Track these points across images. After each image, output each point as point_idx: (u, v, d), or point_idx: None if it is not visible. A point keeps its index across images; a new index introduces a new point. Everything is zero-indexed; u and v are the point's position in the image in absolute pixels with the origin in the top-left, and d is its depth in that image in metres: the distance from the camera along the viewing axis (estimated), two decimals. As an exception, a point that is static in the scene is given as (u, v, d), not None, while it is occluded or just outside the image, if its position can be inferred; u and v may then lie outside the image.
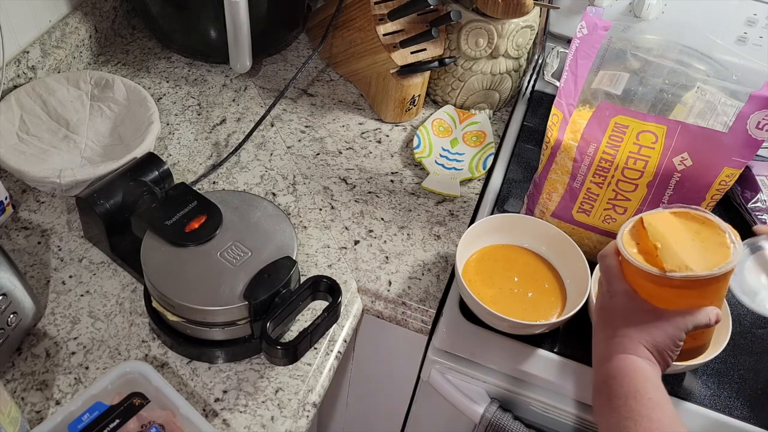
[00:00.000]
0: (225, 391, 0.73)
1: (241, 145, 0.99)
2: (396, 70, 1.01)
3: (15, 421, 0.63)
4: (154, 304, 0.74)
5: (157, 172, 0.82)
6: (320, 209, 0.93)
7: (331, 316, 0.71)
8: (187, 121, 1.03)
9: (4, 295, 0.68)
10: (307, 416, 0.73)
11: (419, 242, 0.91)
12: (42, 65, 0.99)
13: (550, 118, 0.81)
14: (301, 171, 0.98)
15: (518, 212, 0.92)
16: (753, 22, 0.99)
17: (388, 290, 0.85)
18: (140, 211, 0.76)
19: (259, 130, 1.03)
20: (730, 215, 0.98)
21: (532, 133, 1.07)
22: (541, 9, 1.05)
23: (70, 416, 0.64)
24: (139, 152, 0.86)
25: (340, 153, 1.02)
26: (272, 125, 1.05)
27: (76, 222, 0.87)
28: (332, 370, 0.78)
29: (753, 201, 0.96)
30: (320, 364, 0.77)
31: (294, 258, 0.73)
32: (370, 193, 0.96)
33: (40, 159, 0.88)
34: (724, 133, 0.75)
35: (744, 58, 0.82)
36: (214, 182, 0.95)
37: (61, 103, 0.95)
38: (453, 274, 0.87)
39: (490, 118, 1.09)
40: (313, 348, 0.77)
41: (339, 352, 0.79)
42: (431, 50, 1.01)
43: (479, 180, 1.00)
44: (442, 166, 1.00)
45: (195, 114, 1.05)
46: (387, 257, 0.89)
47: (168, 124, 1.02)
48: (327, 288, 0.72)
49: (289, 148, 1.01)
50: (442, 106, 1.09)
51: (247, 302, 0.69)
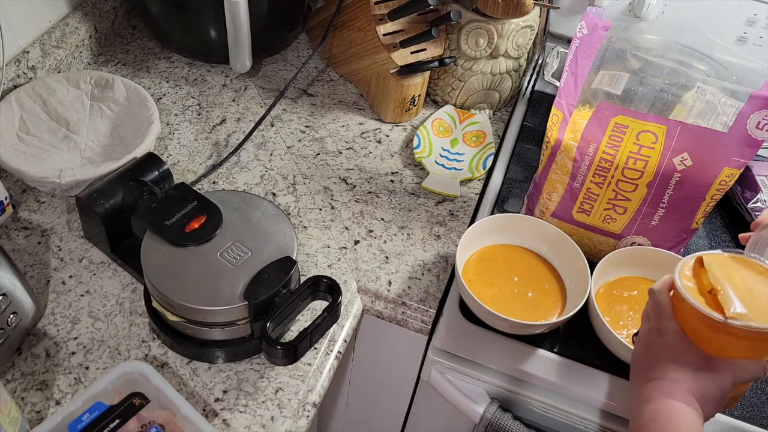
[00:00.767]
0: (225, 391, 0.73)
1: (241, 145, 0.99)
2: (396, 70, 1.01)
3: (15, 421, 0.63)
4: (154, 304, 0.74)
5: (157, 172, 0.82)
6: (320, 209, 0.93)
7: (331, 316, 0.71)
8: (187, 121, 1.03)
9: (4, 295, 0.68)
10: (307, 416, 0.73)
11: (419, 242, 0.91)
12: (42, 65, 0.99)
13: (550, 118, 0.81)
14: (301, 171, 0.98)
15: (518, 212, 0.92)
16: (753, 22, 0.99)
17: (388, 290, 0.85)
18: (140, 211, 0.76)
19: (259, 130, 1.03)
20: (730, 215, 0.98)
21: (532, 133, 1.07)
22: (541, 9, 1.05)
23: (70, 416, 0.64)
24: (139, 152, 0.86)
25: (340, 153, 1.02)
26: (272, 125, 1.05)
27: (76, 222, 0.87)
28: (332, 370, 0.78)
29: (753, 201, 0.96)
30: (320, 364, 0.77)
31: (294, 258, 0.73)
32: (370, 193, 0.96)
33: (40, 159, 0.88)
34: (724, 133, 0.75)
35: (744, 58, 0.82)
36: (214, 182, 0.95)
37: (61, 103, 0.95)
38: (453, 274, 0.87)
39: (490, 118, 1.09)
40: (313, 348, 0.77)
41: (339, 352, 0.79)
42: (431, 50, 1.01)
43: (479, 180, 1.00)
44: (442, 166, 1.00)
45: (195, 114, 1.05)
46: (387, 257, 0.89)
47: (168, 124, 1.02)
48: (327, 288, 0.72)
49: (289, 148, 1.01)
50: (442, 106, 1.09)
51: (247, 302, 0.69)
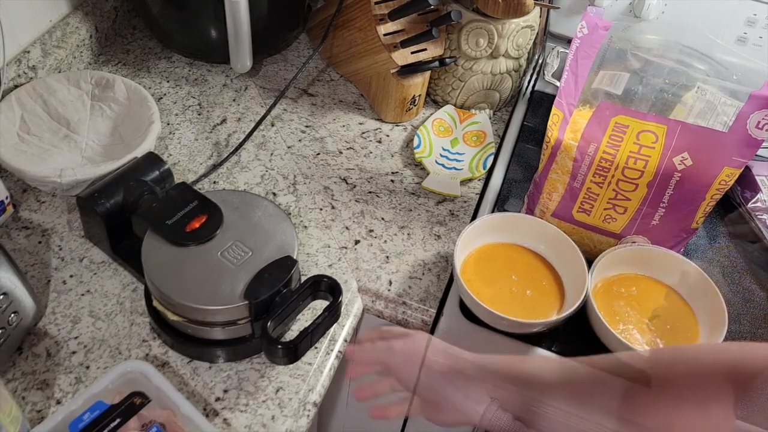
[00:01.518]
0: (226, 391, 0.73)
1: (241, 145, 0.99)
2: (396, 70, 1.01)
3: (16, 420, 0.63)
4: (155, 304, 0.74)
5: (157, 172, 0.82)
6: (321, 209, 0.93)
7: (332, 315, 0.71)
8: (188, 121, 1.03)
9: (4, 294, 0.69)
10: (308, 416, 0.73)
11: (419, 242, 0.91)
12: (42, 65, 0.99)
13: (551, 118, 0.81)
14: (302, 171, 0.98)
15: (518, 212, 0.92)
16: (753, 22, 0.99)
17: (389, 290, 0.85)
18: (141, 210, 0.76)
19: (260, 129, 1.03)
20: (730, 215, 0.98)
21: (532, 133, 1.07)
22: (541, 9, 1.05)
23: (71, 415, 0.65)
24: (140, 152, 0.86)
25: (341, 153, 1.02)
26: (272, 125, 1.05)
27: (76, 222, 0.87)
28: (332, 369, 0.78)
29: (753, 201, 0.96)
30: (321, 363, 0.77)
31: (295, 257, 0.73)
32: (370, 192, 0.96)
33: (40, 158, 0.88)
34: (724, 132, 0.75)
35: (744, 58, 0.82)
36: (215, 182, 0.95)
37: (62, 103, 0.95)
38: (453, 274, 0.87)
39: (490, 118, 1.09)
40: (313, 347, 0.77)
41: (339, 351, 0.79)
42: (431, 50, 1.01)
43: (479, 180, 1.00)
44: (443, 166, 1.00)
45: (195, 114, 1.05)
46: (387, 257, 0.89)
47: (168, 124, 1.02)
48: (327, 287, 0.72)
49: (289, 147, 1.02)
50: (442, 106, 1.09)
51: (247, 302, 0.69)
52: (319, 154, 1.01)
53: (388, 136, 1.05)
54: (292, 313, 0.73)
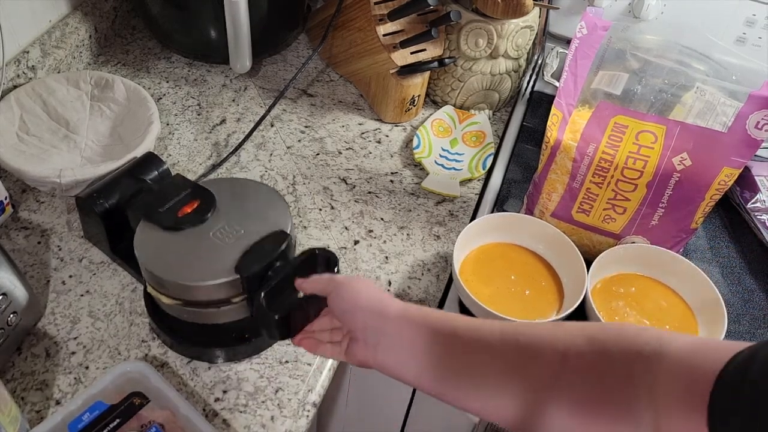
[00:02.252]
0: (225, 391, 0.73)
1: (240, 145, 0.99)
2: (396, 71, 1.01)
3: (15, 420, 0.63)
4: (149, 290, 0.72)
5: (156, 172, 0.82)
6: (320, 209, 0.93)
7: None
8: (187, 121, 1.03)
9: (4, 294, 0.69)
10: (307, 416, 0.73)
11: (419, 242, 0.91)
12: (42, 65, 0.99)
13: (550, 118, 0.81)
14: (301, 171, 0.98)
15: (518, 212, 0.92)
16: (752, 23, 0.99)
17: (388, 290, 0.85)
18: (135, 203, 0.75)
19: (259, 130, 1.03)
20: (730, 215, 0.98)
21: (532, 133, 1.07)
22: (540, 9, 1.05)
23: (70, 416, 0.65)
24: (139, 152, 0.87)
25: (340, 153, 1.02)
26: (272, 125, 1.05)
27: (76, 222, 0.87)
28: (332, 370, 0.78)
29: (752, 201, 0.96)
30: (320, 363, 0.77)
31: (288, 232, 0.70)
32: (369, 193, 0.96)
33: (40, 159, 0.88)
34: (724, 133, 0.75)
35: (743, 58, 0.82)
36: (214, 182, 0.95)
37: (61, 103, 0.95)
38: (452, 274, 0.87)
39: (489, 119, 1.09)
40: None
41: (339, 351, 0.79)
42: (431, 50, 1.01)
43: (479, 180, 1.00)
44: (442, 166, 1.00)
45: (195, 114, 1.05)
46: (387, 257, 0.89)
47: (168, 124, 1.02)
48: (324, 261, 0.69)
49: (289, 148, 1.02)
50: (441, 107, 1.09)
51: (239, 275, 0.66)
52: (318, 155, 1.01)
53: (387, 136, 1.05)
54: (288, 289, 0.69)
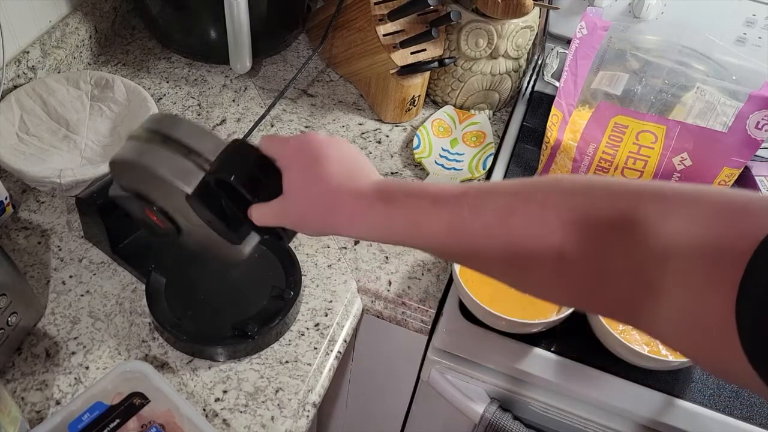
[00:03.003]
0: (225, 391, 0.73)
1: (241, 146, 0.99)
2: (396, 71, 1.01)
3: (15, 420, 0.63)
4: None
5: (157, 172, 0.82)
6: (320, 209, 0.93)
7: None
8: (187, 122, 1.03)
9: (4, 294, 0.68)
10: (307, 416, 0.73)
11: (419, 242, 0.91)
12: (42, 65, 0.99)
13: (550, 118, 0.81)
14: (301, 171, 0.98)
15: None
16: (752, 23, 0.99)
17: (388, 290, 0.85)
18: None
19: (259, 130, 1.03)
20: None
21: (532, 134, 1.07)
22: (540, 9, 1.05)
23: (70, 416, 0.65)
24: (139, 152, 0.86)
25: (340, 153, 1.02)
26: (272, 125, 1.05)
27: (76, 222, 0.87)
28: (332, 370, 0.78)
29: (752, 201, 0.96)
30: (320, 364, 0.77)
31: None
32: (369, 193, 0.96)
33: (40, 159, 0.88)
34: (724, 133, 0.75)
35: (743, 58, 0.82)
36: (214, 182, 0.95)
37: (61, 103, 0.95)
38: (452, 274, 0.87)
39: (489, 119, 1.09)
40: (313, 348, 0.77)
41: (339, 352, 0.79)
42: (431, 50, 1.01)
43: (479, 180, 1.00)
44: (442, 166, 1.00)
45: (195, 114, 1.05)
46: (387, 257, 0.89)
47: (168, 125, 1.02)
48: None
49: (289, 148, 1.01)
50: (441, 107, 1.09)
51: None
52: (318, 155, 1.01)
53: (387, 136, 1.05)
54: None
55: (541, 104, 1.11)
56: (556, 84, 0.97)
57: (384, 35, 0.99)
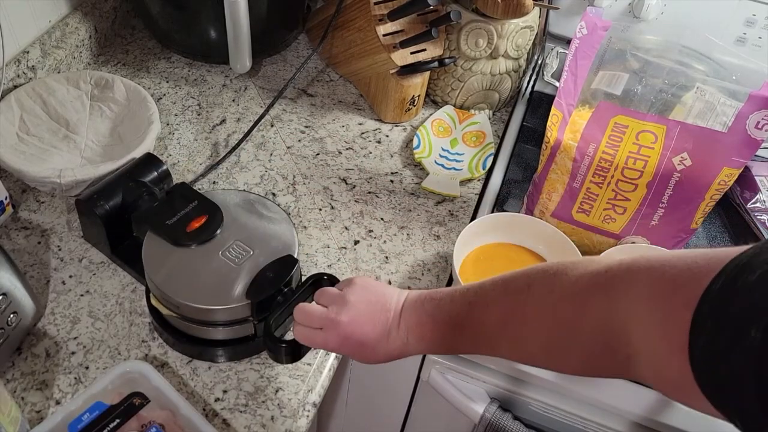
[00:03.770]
0: (225, 391, 0.73)
1: (239, 145, 0.99)
2: (396, 71, 1.01)
3: (15, 420, 0.63)
4: (155, 303, 0.74)
5: (156, 173, 0.82)
6: (320, 209, 0.93)
7: None
8: (187, 121, 1.03)
9: (4, 294, 0.68)
10: (307, 416, 0.73)
11: (419, 242, 0.91)
12: (42, 65, 0.99)
13: (550, 118, 0.81)
14: (301, 171, 0.98)
15: (518, 212, 0.92)
16: (752, 23, 0.99)
17: (388, 290, 0.85)
18: (140, 211, 0.76)
19: (259, 130, 1.03)
20: (730, 215, 0.98)
21: (532, 133, 1.07)
22: (540, 9, 1.05)
23: (70, 416, 0.65)
24: (139, 152, 0.86)
25: (340, 153, 1.02)
26: (272, 125, 1.05)
27: (76, 222, 0.87)
28: (332, 370, 0.78)
29: (752, 201, 0.96)
30: (320, 364, 0.77)
31: (295, 256, 0.73)
32: (369, 193, 0.96)
33: (40, 159, 0.88)
34: (724, 133, 0.75)
35: (743, 58, 0.82)
36: (214, 182, 0.95)
37: (61, 103, 0.95)
38: (452, 274, 0.87)
39: (489, 119, 1.09)
40: (313, 348, 0.77)
41: (339, 351, 0.79)
42: (431, 50, 1.01)
43: (479, 180, 1.00)
44: (442, 166, 1.00)
45: (195, 114, 1.05)
46: (387, 257, 0.89)
47: (168, 124, 1.02)
48: (329, 285, 0.72)
49: (289, 148, 1.02)
50: (441, 107, 1.09)
51: (249, 301, 0.69)
52: (318, 155, 1.01)
53: (387, 136, 1.05)
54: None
55: (541, 104, 1.11)
56: (556, 84, 0.97)
57: (384, 35, 0.99)
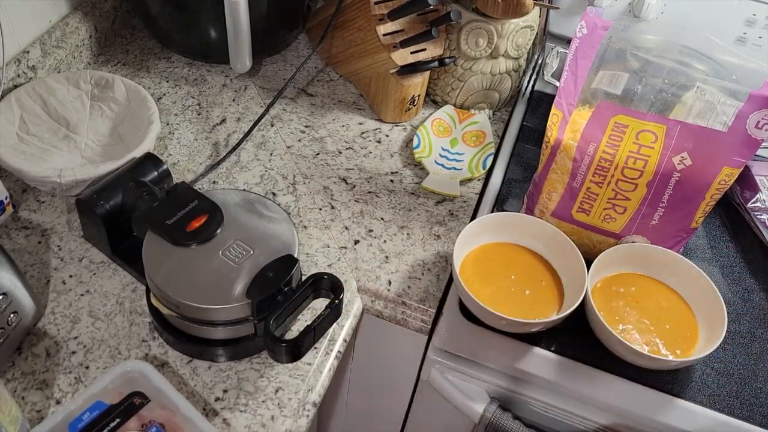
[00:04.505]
0: (225, 391, 0.73)
1: (239, 145, 0.99)
2: (396, 70, 1.01)
3: (15, 420, 0.63)
4: (155, 303, 0.74)
5: (156, 173, 0.83)
6: (320, 209, 0.93)
7: (333, 313, 0.71)
8: (187, 121, 1.03)
9: (4, 294, 0.69)
10: (307, 416, 0.73)
11: (419, 242, 0.91)
12: (42, 65, 0.99)
13: (550, 118, 0.81)
14: (301, 171, 0.98)
15: (518, 212, 0.92)
16: (752, 23, 0.99)
17: (388, 290, 0.85)
18: (140, 211, 0.76)
19: (259, 129, 1.03)
20: (730, 215, 0.98)
21: (532, 133, 1.07)
22: (540, 9, 1.05)
23: (71, 415, 0.65)
24: (139, 152, 0.86)
25: (340, 153, 1.02)
26: (272, 125, 1.05)
27: (76, 222, 0.87)
28: (332, 369, 0.78)
29: (752, 201, 0.96)
30: (320, 363, 0.77)
31: (296, 256, 0.73)
32: (370, 192, 0.96)
33: (40, 159, 0.88)
34: (724, 132, 0.75)
35: (743, 58, 0.82)
36: (214, 182, 0.95)
37: (61, 103, 0.95)
38: (452, 274, 0.87)
39: (489, 118, 1.09)
40: (313, 348, 0.77)
41: (339, 351, 0.79)
42: (431, 50, 1.01)
43: (479, 180, 1.00)
44: (442, 165, 1.00)
45: (195, 114, 1.05)
46: (387, 257, 0.89)
47: (168, 124, 1.02)
48: (329, 286, 0.72)
49: (289, 147, 1.02)
50: (441, 106, 1.09)
51: (249, 301, 0.69)
52: (318, 154, 1.01)
53: (387, 136, 1.05)
54: (294, 312, 0.74)
55: (541, 104, 1.11)
56: (556, 83, 0.97)
57: (384, 35, 0.99)
